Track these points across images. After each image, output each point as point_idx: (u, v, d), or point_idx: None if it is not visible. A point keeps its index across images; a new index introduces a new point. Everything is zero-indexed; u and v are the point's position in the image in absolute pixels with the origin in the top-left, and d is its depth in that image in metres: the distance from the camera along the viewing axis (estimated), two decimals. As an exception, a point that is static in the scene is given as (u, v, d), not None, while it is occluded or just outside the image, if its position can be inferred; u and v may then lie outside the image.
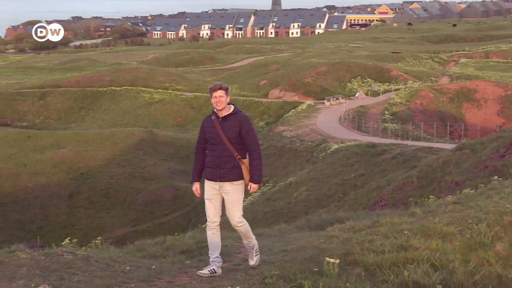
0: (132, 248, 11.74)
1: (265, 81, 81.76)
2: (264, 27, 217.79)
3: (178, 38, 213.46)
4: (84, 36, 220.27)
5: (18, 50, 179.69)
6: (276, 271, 7.83)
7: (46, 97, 77.96)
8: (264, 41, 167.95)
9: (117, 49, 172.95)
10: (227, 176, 8.53)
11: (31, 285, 7.39)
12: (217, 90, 8.54)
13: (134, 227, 45.95)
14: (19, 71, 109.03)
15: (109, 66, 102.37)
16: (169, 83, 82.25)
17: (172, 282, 8.21)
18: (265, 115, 68.86)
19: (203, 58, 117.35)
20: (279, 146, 49.84)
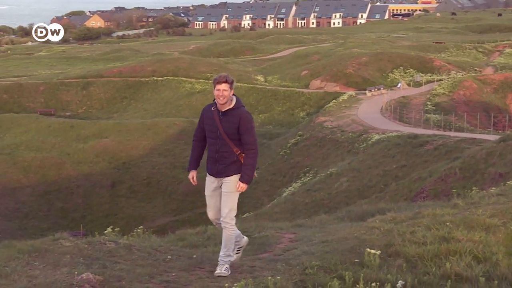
0: (173, 237, 11.82)
1: (306, 71, 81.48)
2: (305, 17, 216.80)
3: (219, 28, 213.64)
4: (126, 26, 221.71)
5: (62, 40, 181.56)
6: (317, 262, 7.81)
7: (89, 87, 78.69)
8: (306, 31, 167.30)
9: (159, 39, 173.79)
10: (226, 172, 8.26)
11: (74, 273, 7.47)
12: (221, 83, 8.20)
13: (175, 216, 46.25)
14: (63, 61, 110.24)
15: (151, 56, 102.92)
16: (210, 74, 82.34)
17: (213, 271, 8.24)
18: (306, 106, 68.68)
19: (244, 49, 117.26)
20: (320, 137, 49.66)
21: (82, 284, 7.20)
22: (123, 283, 7.43)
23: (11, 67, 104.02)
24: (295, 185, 42.98)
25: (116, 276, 7.62)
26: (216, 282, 7.60)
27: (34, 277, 7.44)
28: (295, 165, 47.51)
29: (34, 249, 8.66)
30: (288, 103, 70.47)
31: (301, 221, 14.33)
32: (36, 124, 62.54)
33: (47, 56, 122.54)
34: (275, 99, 71.60)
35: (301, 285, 7.17)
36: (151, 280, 7.73)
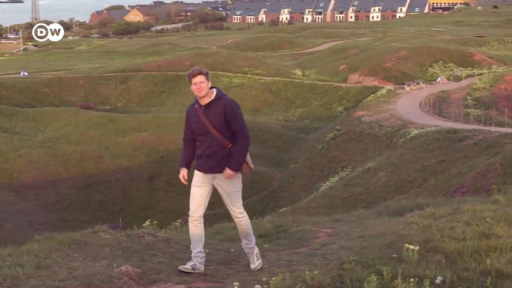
0: (211, 231, 11.86)
1: (344, 65, 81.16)
2: (344, 11, 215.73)
3: (257, 22, 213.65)
4: (165, 20, 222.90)
5: (101, 34, 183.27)
6: (355, 257, 7.79)
7: (128, 81, 79.28)
8: (344, 25, 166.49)
9: (197, 33, 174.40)
10: (218, 167, 7.95)
11: (113, 265, 7.54)
12: (196, 76, 7.88)
13: (212, 210, 45.84)
14: (103, 56, 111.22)
15: (189, 50, 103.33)
16: (248, 68, 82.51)
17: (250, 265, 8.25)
18: (344, 100, 68.43)
19: (282, 43, 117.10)
20: (358, 131, 49.43)
21: (121, 276, 7.26)
22: (161, 276, 7.49)
23: (52, 61, 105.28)
24: (332, 179, 42.87)
25: (154, 269, 7.68)
26: (253, 276, 7.62)
27: (74, 269, 7.53)
28: (332, 159, 47.37)
29: (74, 241, 8.77)
30: (325, 97, 70.25)
31: (339, 216, 14.29)
32: (76, 118, 63.22)
33: (87, 50, 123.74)
34: (312, 94, 71.43)
35: (338, 280, 7.15)
36: (189, 273, 7.77)
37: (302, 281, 7.00)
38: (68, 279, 6.94)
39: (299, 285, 6.68)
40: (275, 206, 43.23)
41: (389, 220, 11.49)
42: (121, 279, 7.20)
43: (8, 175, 49.72)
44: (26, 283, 6.97)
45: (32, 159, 51.88)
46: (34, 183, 49.67)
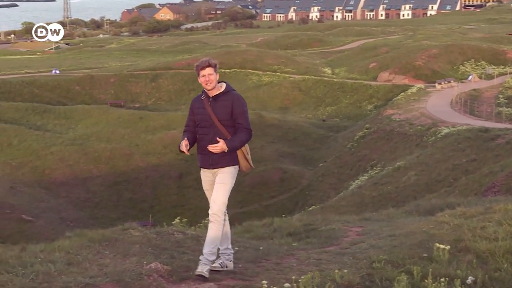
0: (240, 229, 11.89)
1: (374, 64, 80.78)
2: (374, 9, 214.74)
3: (287, 20, 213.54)
4: (195, 19, 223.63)
5: (132, 33, 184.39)
6: (384, 256, 7.75)
7: (158, 79, 79.65)
8: (374, 23, 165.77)
9: (227, 31, 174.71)
10: (220, 163, 7.69)
11: (143, 263, 7.58)
12: (205, 68, 7.72)
13: (241, 208, 46.44)
14: (133, 54, 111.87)
15: (219, 48, 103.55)
16: (278, 66, 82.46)
17: (279, 263, 8.25)
18: (374, 99, 68.10)
19: (312, 41, 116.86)
20: (388, 130, 49.17)
21: (150, 273, 7.30)
22: (190, 274, 7.51)
23: (83, 59, 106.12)
24: (362, 178, 42.68)
25: (184, 267, 7.70)
26: (282, 275, 7.61)
27: (105, 265, 7.58)
28: (362, 158, 47.16)
29: (105, 238, 8.83)
30: (355, 95, 69.97)
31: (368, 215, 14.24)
32: (106, 116, 63.66)
33: (117, 49, 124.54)
34: (342, 92, 71.20)
35: (368, 279, 7.12)
36: (218, 271, 7.79)
37: (331, 280, 6.98)
38: (99, 275, 6.99)
39: (328, 284, 6.66)
40: (304, 204, 43.16)
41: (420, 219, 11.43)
42: (151, 276, 7.23)
43: (40, 172, 50.22)
44: (58, 279, 7.03)
45: (63, 156, 52.34)
46: (65, 180, 50.11)
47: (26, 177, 48.85)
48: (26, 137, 53.99)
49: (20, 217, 41.30)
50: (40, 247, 8.64)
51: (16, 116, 60.85)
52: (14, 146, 52.69)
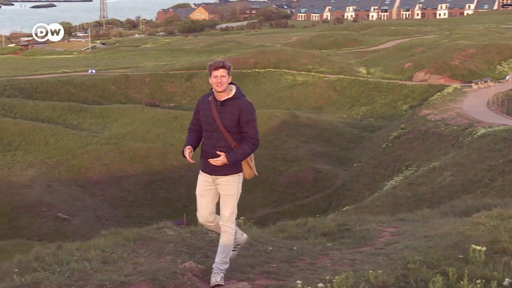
0: (274, 228, 11.88)
1: (409, 63, 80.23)
2: (410, 9, 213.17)
3: (322, 20, 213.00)
4: (230, 18, 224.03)
5: (167, 32, 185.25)
6: (419, 257, 7.70)
7: (193, 78, 79.93)
8: (410, 23, 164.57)
9: (262, 31, 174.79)
10: (223, 169, 7.38)
11: (178, 261, 7.62)
12: (219, 69, 7.28)
13: (275, 208, 46.44)
14: (168, 53, 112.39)
15: (253, 48, 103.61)
16: (312, 66, 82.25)
17: (313, 264, 8.23)
18: (409, 98, 67.62)
19: (347, 41, 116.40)
20: (423, 130, 48.79)
21: (185, 272, 7.33)
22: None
23: (119, 59, 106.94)
24: (396, 178, 42.41)
25: (218, 265, 7.72)
26: (316, 275, 7.60)
27: (139, 264, 7.63)
28: (397, 158, 46.86)
29: (140, 237, 8.89)
30: (390, 95, 69.55)
31: (403, 215, 14.15)
32: (141, 115, 64.03)
33: (152, 48, 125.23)
34: (377, 92, 70.82)
35: (403, 280, 7.08)
36: (252, 270, 7.79)
37: (365, 280, 6.95)
38: (133, 274, 7.04)
39: (362, 284, 6.64)
40: (338, 204, 43.02)
41: (455, 220, 11.33)
42: (185, 275, 7.27)
43: (76, 171, 50.68)
44: (93, 277, 7.10)
45: (99, 155, 52.78)
46: (101, 179, 50.51)
47: (62, 175, 49.36)
48: (63, 136, 54.55)
49: (56, 216, 41.76)
50: (76, 245, 8.73)
51: (53, 115, 61.53)
52: (50, 145, 53.27)
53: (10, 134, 53.39)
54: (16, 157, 50.16)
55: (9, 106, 61.21)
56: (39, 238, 37.03)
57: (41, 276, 7.09)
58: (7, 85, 70.38)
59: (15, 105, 61.82)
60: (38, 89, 71.62)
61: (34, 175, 47.66)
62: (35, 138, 53.66)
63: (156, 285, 6.90)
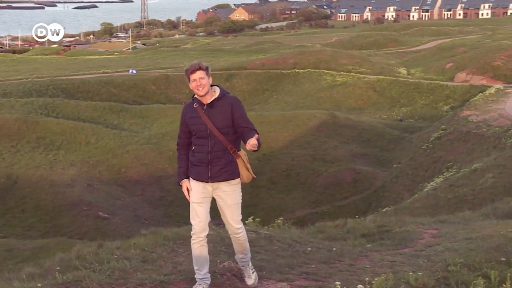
0: (313, 229, 11.87)
1: (451, 64, 79.45)
2: (452, 8, 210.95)
3: (362, 20, 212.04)
4: (269, 19, 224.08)
5: (207, 33, 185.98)
6: (460, 259, 7.61)
7: (232, 78, 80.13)
8: (452, 23, 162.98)
9: (301, 31, 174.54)
10: (222, 175, 6.99)
11: (217, 261, 7.66)
12: (195, 71, 6.95)
13: (314, 208, 46.30)
14: (208, 54, 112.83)
15: (293, 48, 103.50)
16: (352, 66, 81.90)
17: (353, 265, 8.20)
18: (450, 99, 66.99)
19: (387, 41, 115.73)
20: (464, 131, 48.26)
21: (224, 272, 7.36)
22: (263, 273, 7.54)
23: (159, 59, 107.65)
24: (437, 180, 41.98)
25: (257, 266, 7.73)
26: (356, 276, 7.56)
27: (179, 263, 7.68)
28: (437, 159, 46.40)
29: (179, 236, 8.95)
30: (431, 96, 68.95)
31: (444, 217, 14.03)
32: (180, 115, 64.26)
33: (192, 49, 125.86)
34: (418, 92, 70.27)
35: (443, 282, 7.01)
36: (290, 271, 7.79)
37: (405, 282, 6.90)
38: (173, 273, 7.08)
39: (402, 286, 6.59)
40: (377, 205, 42.73)
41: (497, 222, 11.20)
42: (224, 275, 7.29)
43: (116, 171, 51.08)
44: (133, 276, 7.15)
45: (139, 155, 53.15)
46: (140, 179, 50.84)
47: (102, 175, 49.79)
48: (103, 136, 55.04)
49: (97, 214, 42.14)
50: (116, 244, 8.81)
51: (94, 115, 62.15)
52: (91, 144, 53.79)
53: (52, 134, 54.05)
54: (58, 156, 50.76)
55: (51, 106, 61.99)
56: (80, 236, 37.41)
57: (82, 274, 7.17)
58: (50, 85, 71.32)
59: (57, 105, 62.57)
60: (79, 89, 72.44)
61: (75, 174, 48.18)
62: (77, 137, 54.25)
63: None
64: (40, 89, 69.43)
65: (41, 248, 30.23)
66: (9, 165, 48.20)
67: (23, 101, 62.15)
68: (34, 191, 45.14)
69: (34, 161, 49.28)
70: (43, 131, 54.18)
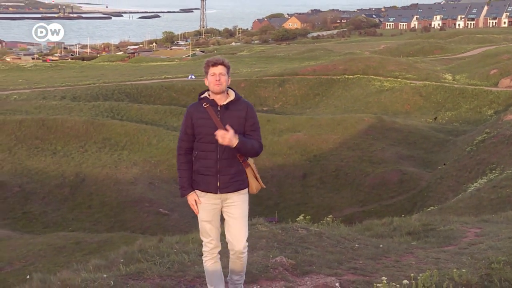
0: (360, 227, 11.81)
1: (495, 70, 78.12)
2: (497, 17, 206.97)
3: (409, 28, 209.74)
4: (321, 27, 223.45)
5: (262, 41, 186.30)
6: (503, 257, 7.47)
7: (285, 84, 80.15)
8: (497, 31, 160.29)
9: (351, 39, 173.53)
10: (232, 185, 6.07)
11: (269, 256, 7.66)
12: (217, 65, 6.02)
13: (361, 207, 46.01)
14: (262, 60, 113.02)
15: (343, 55, 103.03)
16: (399, 72, 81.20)
17: (398, 261, 8.12)
18: (494, 104, 65.87)
19: (433, 48, 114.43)
20: (508, 135, 47.39)
21: (276, 266, 7.35)
22: (313, 268, 7.52)
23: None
24: (480, 181, 41.32)
25: (307, 261, 7.72)
26: (401, 272, 7.49)
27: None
28: (481, 161, 45.67)
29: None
30: (475, 101, 67.91)
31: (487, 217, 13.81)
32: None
33: (247, 56, 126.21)
34: (462, 97, 69.28)
35: (487, 279, 6.89)
36: (339, 266, 7.75)
37: (449, 278, 6.81)
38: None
39: (446, 282, 6.49)
40: (422, 205, 42.23)
41: (540, 223, 10.97)
42: (276, 269, 7.29)
43: (175, 170, 51.47)
44: (191, 269, 7.21)
45: (197, 155, 53.55)
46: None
47: (163, 174, 50.25)
48: (164, 137, 55.56)
49: (157, 211, 42.58)
50: (176, 239, 8.90)
51: (156, 117, 62.81)
52: (153, 145, 54.35)
53: (117, 135, 54.80)
54: (122, 156, 51.44)
55: (117, 109, 62.88)
56: (142, 231, 37.84)
57: (144, 266, 7.26)
58: (115, 89, 72.35)
59: (122, 108, 63.44)
60: (142, 93, 73.32)
61: (137, 173, 48.77)
62: (139, 138, 54.89)
63: (249, 277, 6.95)
64: (106, 94, 70.49)
65: (106, 241, 30.65)
66: (77, 164, 49.03)
67: (91, 104, 63.18)
68: (100, 188, 45.84)
69: (100, 160, 50.03)
70: (108, 132, 54.97)
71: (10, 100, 64.64)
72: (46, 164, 48.64)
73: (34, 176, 46.83)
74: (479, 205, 32.99)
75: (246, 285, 6.72)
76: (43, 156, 50.02)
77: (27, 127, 53.44)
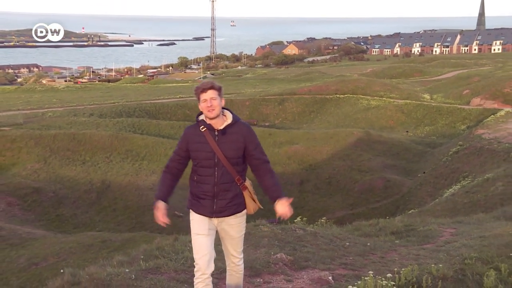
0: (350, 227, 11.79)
1: (467, 90, 78.16)
2: (468, 45, 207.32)
3: (393, 54, 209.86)
4: (316, 53, 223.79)
5: (264, 65, 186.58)
6: (475, 254, 7.47)
7: (284, 102, 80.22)
8: (468, 57, 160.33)
9: (342, 63, 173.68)
10: (229, 209, 5.38)
11: (271, 253, 7.65)
12: (207, 90, 5.40)
13: (351, 210, 45.91)
14: (264, 82, 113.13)
15: (335, 77, 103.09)
16: (384, 92, 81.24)
17: (384, 257, 8.11)
18: (466, 120, 65.84)
19: (413, 71, 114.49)
20: (478, 147, 47.33)
21: (277, 262, 7.34)
22: (309, 263, 7.51)
23: (224, 86, 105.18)
24: (455, 187, 41.23)
25: (304, 257, 7.71)
26: (386, 267, 7.48)
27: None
28: (455, 170, 45.59)
29: (244, 231, 8.96)
30: (450, 117, 67.89)
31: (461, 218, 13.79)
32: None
33: (252, 78, 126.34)
34: (439, 114, 69.27)
35: (460, 273, 6.88)
36: (332, 262, 7.74)
37: (428, 272, 6.80)
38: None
39: (425, 276, 6.49)
40: (404, 208, 42.14)
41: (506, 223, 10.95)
42: (277, 264, 7.28)
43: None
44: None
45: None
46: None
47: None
48: (179, 149, 55.61)
49: (173, 213, 42.45)
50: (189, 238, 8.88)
51: (172, 132, 62.84)
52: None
53: (138, 147, 54.84)
54: (142, 166, 51.45)
55: (138, 124, 62.95)
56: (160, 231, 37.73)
57: (162, 262, 7.27)
58: (136, 107, 72.45)
59: (142, 124, 63.52)
60: (160, 111, 73.40)
61: (156, 180, 48.71)
62: (157, 150, 54.90)
63: (253, 272, 6.94)
64: (129, 111, 70.58)
65: (129, 240, 30.63)
66: (103, 173, 49.04)
67: (115, 120, 63.25)
68: (123, 193, 45.82)
69: (123, 169, 50.04)
70: (130, 145, 55.00)
71: (46, 117, 64.77)
72: (76, 173, 48.65)
73: (66, 183, 46.83)
74: (454, 208, 32.90)
75: (250, 278, 6.71)
76: (74, 165, 50.03)
77: (60, 140, 53.49)
